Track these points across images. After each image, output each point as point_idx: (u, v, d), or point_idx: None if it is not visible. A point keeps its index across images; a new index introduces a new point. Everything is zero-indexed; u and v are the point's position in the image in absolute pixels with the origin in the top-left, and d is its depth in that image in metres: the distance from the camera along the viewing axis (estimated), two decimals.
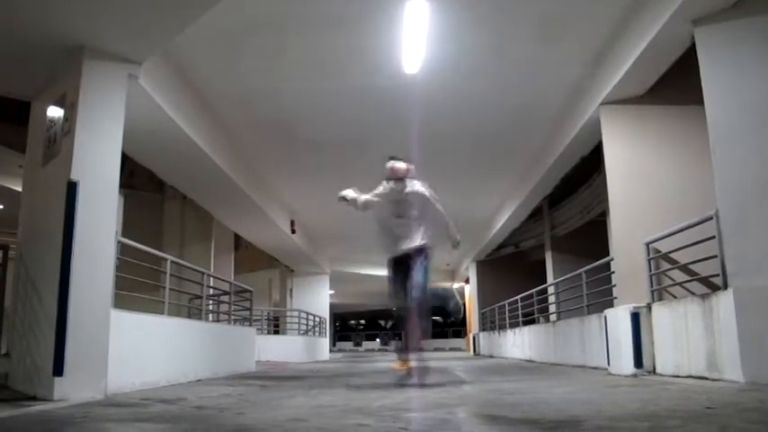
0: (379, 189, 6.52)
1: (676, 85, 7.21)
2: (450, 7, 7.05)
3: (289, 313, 20.84)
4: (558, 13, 7.21)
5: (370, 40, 7.73)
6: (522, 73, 8.74)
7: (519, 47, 7.99)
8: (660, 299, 6.92)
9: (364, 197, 6.52)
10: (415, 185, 6.37)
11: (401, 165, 6.45)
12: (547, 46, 7.94)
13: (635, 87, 7.55)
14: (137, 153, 9.38)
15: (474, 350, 22.85)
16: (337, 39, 7.67)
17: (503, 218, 16.47)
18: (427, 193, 6.36)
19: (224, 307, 11.51)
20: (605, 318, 7.68)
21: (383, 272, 23.94)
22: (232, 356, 10.00)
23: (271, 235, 16.70)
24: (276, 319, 21.89)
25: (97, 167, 5.55)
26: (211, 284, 10.46)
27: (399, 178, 6.40)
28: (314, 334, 21.29)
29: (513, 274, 19.87)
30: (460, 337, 41.67)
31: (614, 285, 8.54)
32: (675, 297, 6.64)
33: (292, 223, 16.88)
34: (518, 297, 15.07)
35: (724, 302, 5.31)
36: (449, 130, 10.70)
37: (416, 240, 6.25)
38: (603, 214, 11.76)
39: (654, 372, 6.63)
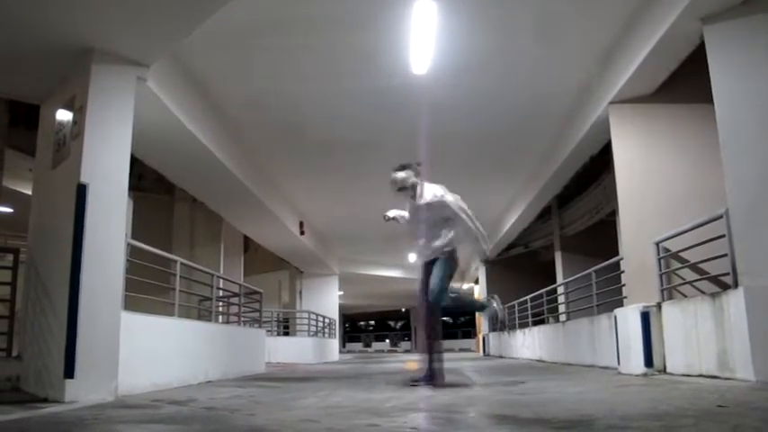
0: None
1: (685, 83, 7.18)
2: (459, 7, 7.04)
3: (298, 315, 20.87)
4: (566, 12, 7.20)
5: (378, 42, 7.73)
6: (531, 72, 8.73)
7: (527, 46, 7.98)
8: (670, 298, 6.89)
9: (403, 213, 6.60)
10: (427, 193, 6.19)
11: (397, 174, 6.24)
12: (555, 45, 7.92)
13: (644, 86, 7.52)
14: (146, 155, 9.42)
15: (484, 351, 22.79)
16: (346, 40, 7.68)
17: (512, 218, 16.44)
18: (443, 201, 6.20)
19: (234, 308, 11.54)
20: (615, 317, 7.65)
21: (392, 273, 24.08)
22: (242, 358, 10.01)
23: (280, 236, 16.74)
24: (286, 320, 21.93)
25: (106, 170, 5.57)
26: (221, 286, 10.48)
27: (403, 188, 6.24)
28: (323, 335, 21.30)
29: (523, 274, 19.84)
30: (470, 338, 41.64)
31: (624, 285, 8.50)
32: (686, 296, 6.60)
33: (301, 225, 16.91)
34: (528, 297, 15.04)
35: (735, 301, 5.28)
36: (458, 129, 10.69)
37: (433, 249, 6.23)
38: (613, 213, 11.72)
39: (664, 371, 6.60)
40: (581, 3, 7.04)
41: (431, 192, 6.17)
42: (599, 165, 11.15)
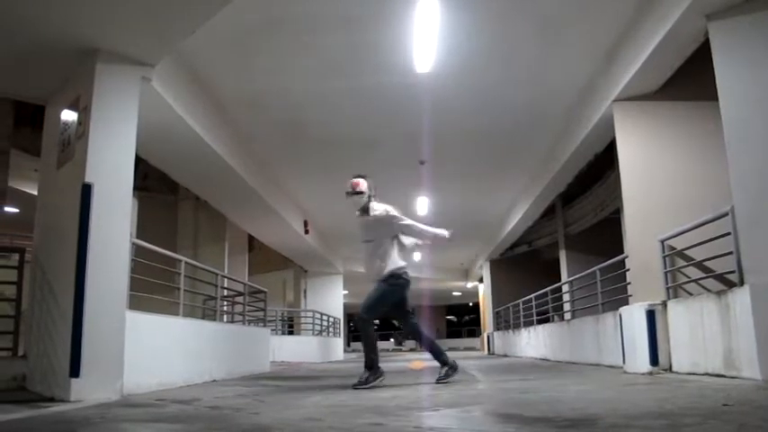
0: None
1: (690, 80, 7.15)
2: (462, 6, 7.03)
3: (303, 314, 20.91)
4: (570, 9, 7.17)
5: (381, 40, 7.72)
6: (534, 71, 8.71)
7: (531, 44, 7.96)
8: (675, 296, 6.87)
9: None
10: (378, 210, 6.54)
11: (360, 180, 6.65)
12: (559, 43, 7.90)
13: (648, 84, 7.49)
14: (150, 155, 9.43)
15: (488, 349, 22.80)
16: (349, 38, 7.67)
17: (516, 216, 16.41)
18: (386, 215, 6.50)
19: (238, 308, 11.56)
20: (620, 316, 7.64)
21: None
22: (247, 357, 10.03)
23: (284, 235, 16.75)
24: (290, 319, 21.95)
25: (111, 170, 5.58)
26: (225, 285, 10.50)
27: (357, 193, 6.62)
28: (328, 334, 21.33)
29: (527, 272, 19.82)
30: (475, 337, 41.64)
31: (629, 283, 8.48)
32: (691, 294, 6.59)
33: (306, 223, 16.92)
34: (532, 296, 15.02)
35: (740, 299, 5.26)
36: (461, 128, 10.68)
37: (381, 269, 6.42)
38: (617, 212, 11.68)
39: (670, 370, 6.58)
40: (584, 0, 7.02)
41: (382, 208, 6.52)
42: (603, 163, 11.12)
